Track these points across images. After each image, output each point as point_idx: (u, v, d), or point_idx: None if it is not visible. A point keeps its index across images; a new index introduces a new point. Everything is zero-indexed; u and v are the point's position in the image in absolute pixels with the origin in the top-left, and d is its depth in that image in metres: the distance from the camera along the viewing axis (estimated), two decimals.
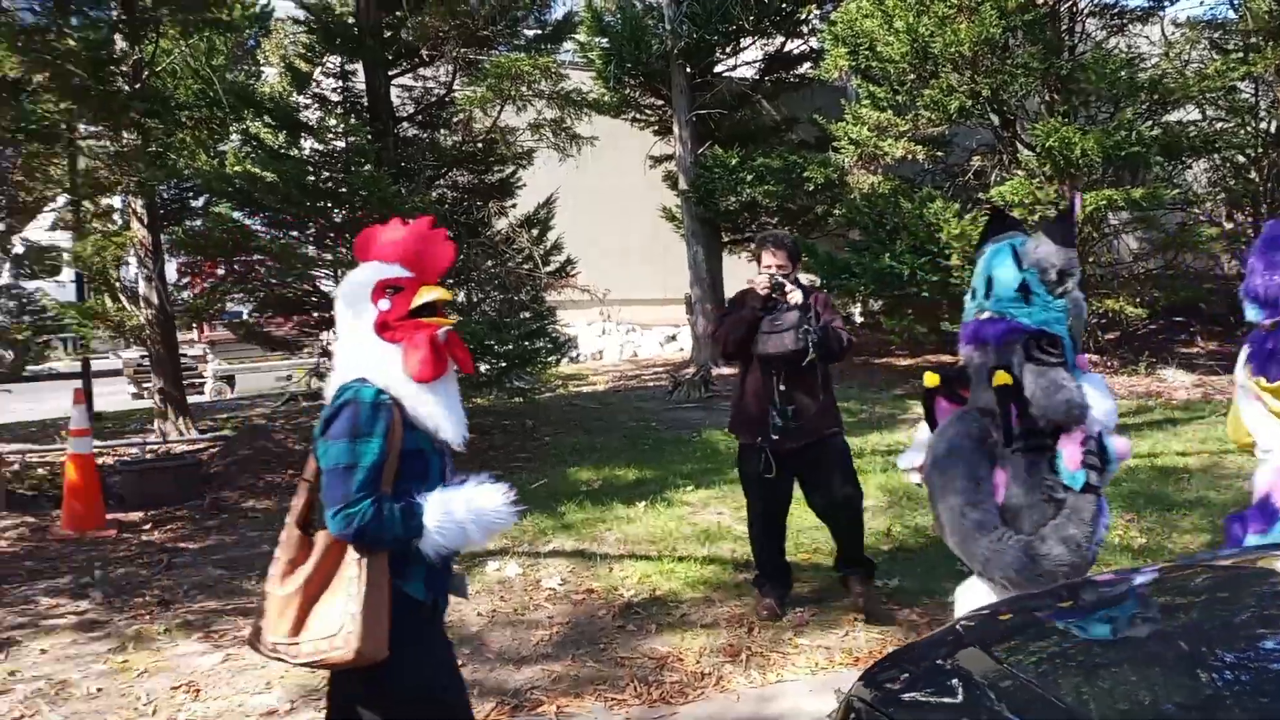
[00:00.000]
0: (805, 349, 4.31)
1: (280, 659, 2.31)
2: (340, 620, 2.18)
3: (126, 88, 8.87)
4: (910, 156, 11.31)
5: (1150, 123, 10.56)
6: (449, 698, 2.42)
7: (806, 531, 5.79)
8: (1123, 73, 10.12)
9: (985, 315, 3.20)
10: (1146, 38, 12.01)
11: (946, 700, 1.91)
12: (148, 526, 6.57)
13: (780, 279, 4.38)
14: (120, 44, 9.11)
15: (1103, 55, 10.47)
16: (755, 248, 4.78)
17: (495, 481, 2.36)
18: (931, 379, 3.34)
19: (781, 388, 4.39)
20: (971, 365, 3.25)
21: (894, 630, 4.40)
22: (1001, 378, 3.06)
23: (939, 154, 12.05)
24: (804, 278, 4.77)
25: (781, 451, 4.44)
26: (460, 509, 2.28)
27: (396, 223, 2.46)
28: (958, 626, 2.22)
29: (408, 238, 2.41)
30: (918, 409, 9.66)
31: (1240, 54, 11.26)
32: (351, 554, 2.23)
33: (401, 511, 2.23)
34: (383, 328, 2.33)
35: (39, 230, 11.68)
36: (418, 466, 2.31)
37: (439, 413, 2.34)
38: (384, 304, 2.34)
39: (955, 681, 1.93)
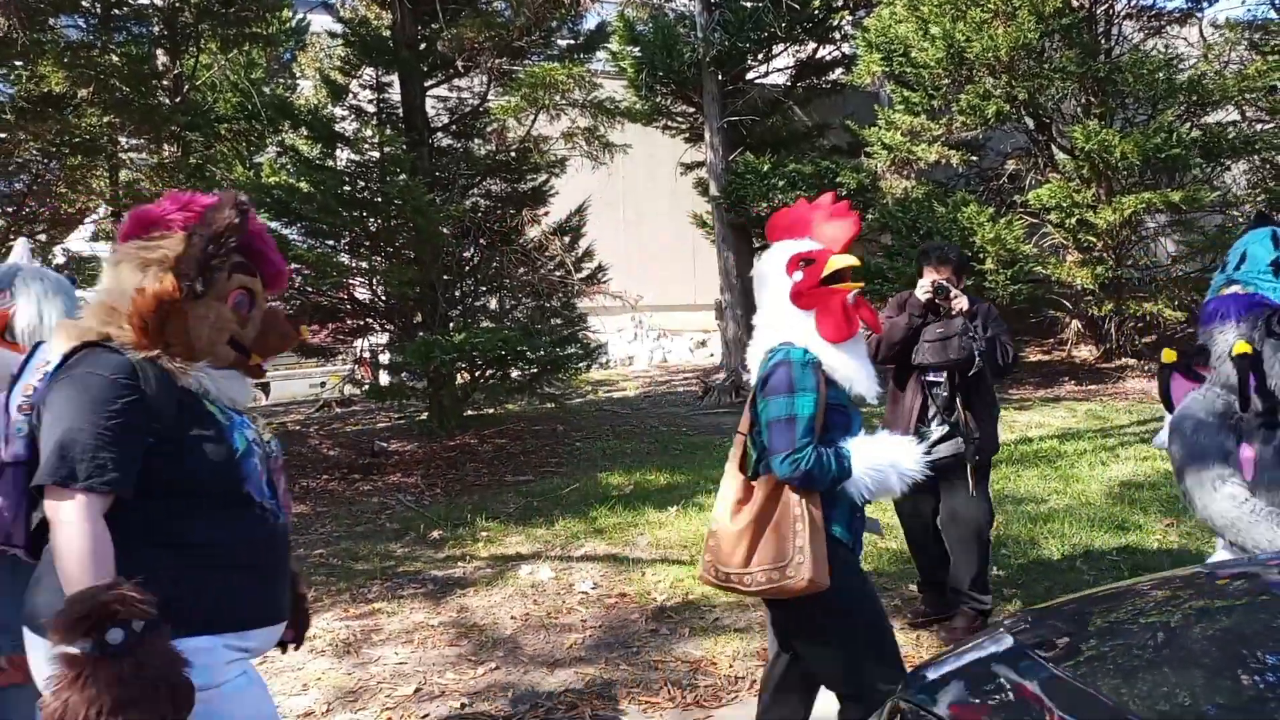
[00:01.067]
0: (970, 359, 4.06)
1: (732, 588, 2.60)
2: (789, 553, 2.47)
3: (167, 101, 9.06)
4: (943, 161, 11.25)
5: (1189, 124, 10.42)
6: (879, 620, 2.65)
7: None
8: (1161, 74, 10.00)
9: (1231, 289, 3.35)
10: (1184, 39, 11.86)
11: (993, 701, 1.89)
12: None
13: (944, 284, 4.13)
14: (162, 59, 9.31)
15: (1140, 57, 10.35)
16: (917, 261, 4.50)
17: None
18: (1169, 355, 3.42)
19: (940, 400, 4.16)
20: (1212, 340, 3.33)
21: (927, 636, 4.36)
22: (1241, 347, 3.19)
23: (973, 158, 11.97)
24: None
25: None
26: (880, 456, 2.53)
27: (803, 203, 2.79)
28: (1002, 629, 2.20)
29: (816, 215, 2.70)
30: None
31: None
32: (790, 495, 2.52)
33: (834, 456, 2.49)
34: (797, 296, 2.61)
35: (79, 241, 11.93)
36: (840, 420, 2.58)
37: (853, 368, 2.61)
38: (798, 275, 2.63)
39: (1003, 682, 1.92)
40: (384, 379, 9.93)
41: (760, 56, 13.87)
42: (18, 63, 8.58)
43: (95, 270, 13.01)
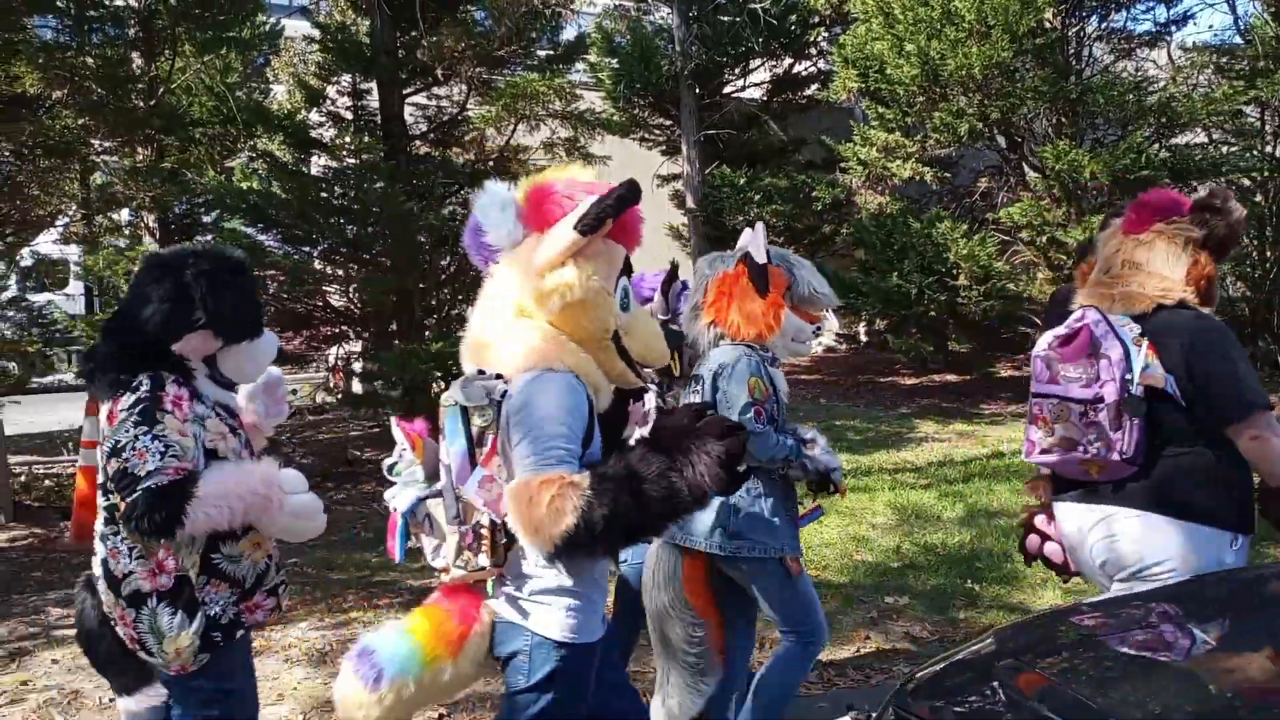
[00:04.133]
0: None
1: None
2: None
3: (142, 104, 8.96)
4: (918, 177, 11.37)
5: (1158, 146, 10.61)
6: None
7: (815, 549, 5.80)
8: (1131, 96, 10.17)
9: None
10: (1154, 62, 12.08)
11: (987, 708, 1.93)
12: None
13: None
14: (137, 62, 9.22)
15: (1111, 79, 10.53)
16: (1080, 254, 5.04)
17: None
18: None
19: None
20: None
21: (904, 645, 4.40)
22: None
23: (946, 175, 12.11)
24: None
25: None
26: None
27: None
28: (991, 638, 2.25)
29: None
30: (924, 428, 9.67)
31: (1246, 79, 11.32)
32: None
33: None
34: None
35: (47, 243, 11.75)
36: None
37: None
38: None
39: (995, 689, 1.96)
40: (356, 387, 9.87)
41: (737, 71, 13.99)
42: None
43: (63, 273, 12.82)
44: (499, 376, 2.16)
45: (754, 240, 3.10)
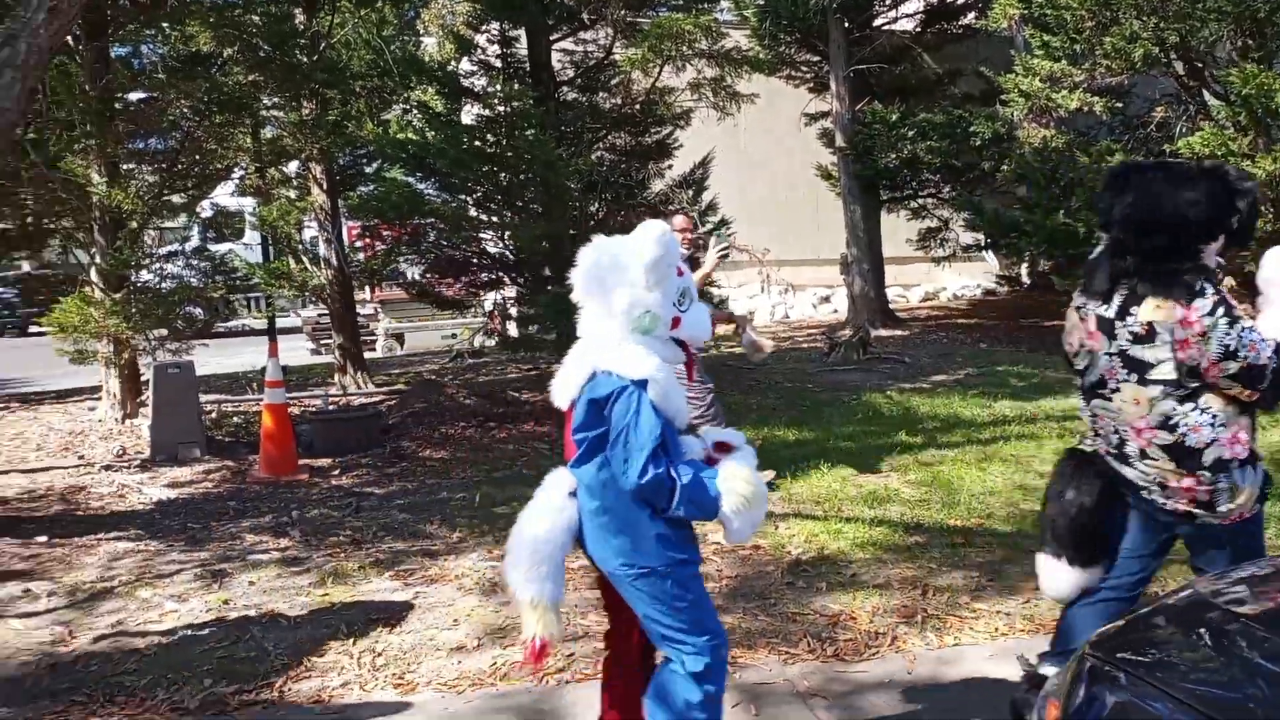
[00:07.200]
0: None
1: None
2: None
3: (305, 60, 9.32)
4: (1086, 108, 10.71)
5: None
6: None
7: (979, 497, 5.67)
8: None
9: None
10: None
11: (1192, 654, 1.87)
12: (336, 472, 6.99)
13: None
14: (299, 17, 9.58)
15: None
16: None
17: None
18: None
19: None
20: None
21: None
22: None
23: (1117, 105, 11.36)
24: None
25: None
26: None
27: None
28: (1192, 589, 2.16)
29: None
30: None
31: None
32: None
33: None
34: None
35: (224, 196, 12.47)
36: None
37: None
38: None
39: (1198, 637, 1.89)
40: (513, 330, 10.14)
41: (889, 1, 13.45)
42: (165, 24, 8.96)
43: (241, 224, 13.56)
44: None
45: None
